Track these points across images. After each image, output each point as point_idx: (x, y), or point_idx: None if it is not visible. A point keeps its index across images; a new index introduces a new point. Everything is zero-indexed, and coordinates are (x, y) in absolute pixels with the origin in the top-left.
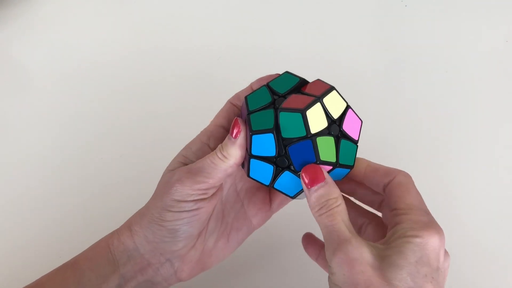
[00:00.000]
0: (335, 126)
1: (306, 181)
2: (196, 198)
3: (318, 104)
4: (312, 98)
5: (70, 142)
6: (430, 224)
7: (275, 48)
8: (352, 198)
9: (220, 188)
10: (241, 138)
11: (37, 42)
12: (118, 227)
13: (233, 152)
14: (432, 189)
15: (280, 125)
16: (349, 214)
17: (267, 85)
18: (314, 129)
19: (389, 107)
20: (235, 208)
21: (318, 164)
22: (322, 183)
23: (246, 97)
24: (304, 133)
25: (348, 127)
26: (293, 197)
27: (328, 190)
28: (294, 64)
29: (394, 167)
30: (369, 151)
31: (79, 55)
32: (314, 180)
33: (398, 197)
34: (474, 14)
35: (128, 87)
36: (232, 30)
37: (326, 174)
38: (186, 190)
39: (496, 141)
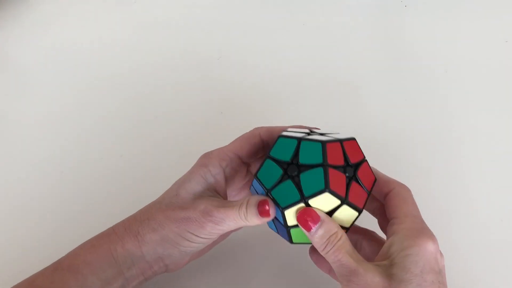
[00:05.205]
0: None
1: (304, 224)
2: (211, 236)
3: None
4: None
5: (70, 142)
6: (423, 231)
7: (275, 48)
8: None
9: None
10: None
11: (36, 43)
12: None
13: (257, 222)
14: (432, 188)
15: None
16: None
17: (269, 157)
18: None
19: (388, 107)
20: None
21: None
22: (319, 223)
23: (257, 176)
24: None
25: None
26: (292, 243)
27: (326, 228)
28: (294, 64)
29: (393, 167)
30: (369, 151)
31: (78, 55)
32: (311, 222)
33: (395, 207)
34: (474, 14)
35: (127, 87)
36: (232, 30)
37: (320, 213)
38: (205, 232)
39: (497, 141)
